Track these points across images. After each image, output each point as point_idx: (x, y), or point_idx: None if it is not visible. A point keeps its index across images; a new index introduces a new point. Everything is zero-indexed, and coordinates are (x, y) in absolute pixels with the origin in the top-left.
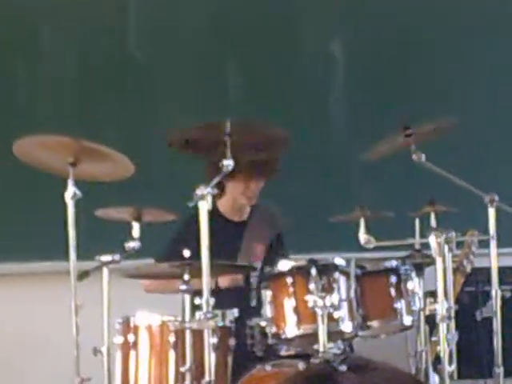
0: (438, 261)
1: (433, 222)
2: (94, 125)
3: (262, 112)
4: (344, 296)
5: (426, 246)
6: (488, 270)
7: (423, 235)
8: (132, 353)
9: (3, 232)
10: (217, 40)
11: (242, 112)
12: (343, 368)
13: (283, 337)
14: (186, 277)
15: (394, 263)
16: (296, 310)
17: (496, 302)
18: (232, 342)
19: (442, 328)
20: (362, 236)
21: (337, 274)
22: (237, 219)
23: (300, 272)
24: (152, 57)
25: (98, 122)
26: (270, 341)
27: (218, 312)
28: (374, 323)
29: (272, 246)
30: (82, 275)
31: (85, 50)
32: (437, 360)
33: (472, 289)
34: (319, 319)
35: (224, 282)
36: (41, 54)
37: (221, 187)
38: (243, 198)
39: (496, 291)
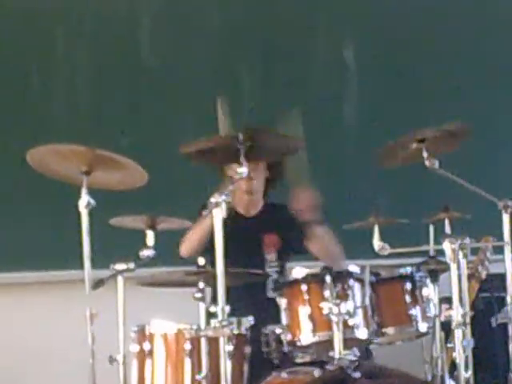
0: (453, 267)
1: (447, 229)
2: (107, 133)
3: (276, 119)
4: (359, 303)
5: (441, 252)
6: (503, 276)
7: (438, 241)
8: (148, 361)
9: (18, 241)
10: (230, 48)
11: (255, 120)
12: (357, 375)
13: (298, 344)
14: (201, 285)
15: (408, 270)
16: (311, 317)
17: (511, 307)
18: (248, 349)
19: (458, 334)
20: (377, 243)
21: (351, 281)
22: (247, 214)
23: (315, 279)
24: (166, 64)
25: (111, 131)
26: (286, 348)
27: (234, 320)
28: (390, 330)
29: (287, 236)
30: (97, 284)
31: (98, 58)
32: (453, 366)
33: (487, 295)
34: (334, 326)
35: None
36: (55, 62)
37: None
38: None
39: (511, 297)
